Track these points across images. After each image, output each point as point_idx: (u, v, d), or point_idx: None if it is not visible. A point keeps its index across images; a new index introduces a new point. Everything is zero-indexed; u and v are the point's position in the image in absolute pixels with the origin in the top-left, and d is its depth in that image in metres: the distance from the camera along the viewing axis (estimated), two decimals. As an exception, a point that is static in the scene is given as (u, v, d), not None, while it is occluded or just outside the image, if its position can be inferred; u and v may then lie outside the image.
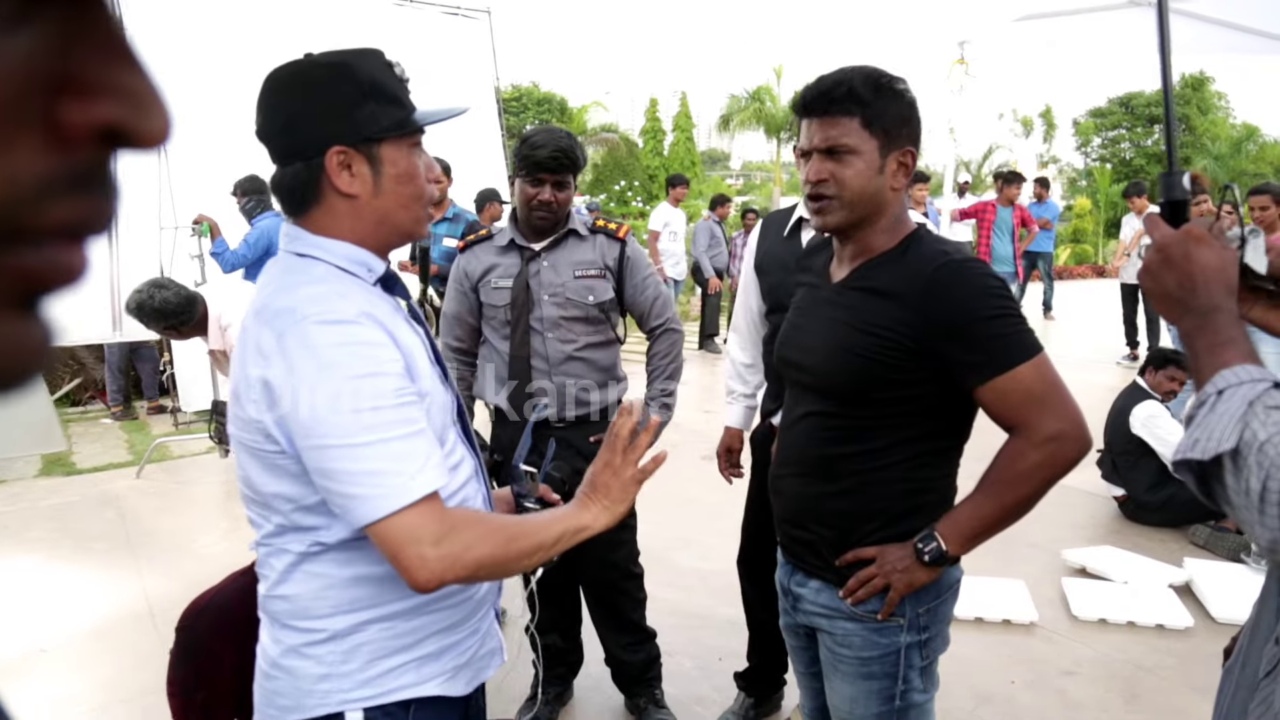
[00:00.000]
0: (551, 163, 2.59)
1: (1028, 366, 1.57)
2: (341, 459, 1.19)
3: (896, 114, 1.64)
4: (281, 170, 1.33)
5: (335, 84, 1.30)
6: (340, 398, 1.19)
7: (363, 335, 1.23)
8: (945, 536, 1.63)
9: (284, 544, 1.33)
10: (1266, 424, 0.94)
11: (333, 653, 1.34)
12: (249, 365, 1.24)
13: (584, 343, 2.70)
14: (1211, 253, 1.12)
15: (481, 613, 1.50)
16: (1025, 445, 1.59)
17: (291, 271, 1.31)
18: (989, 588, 3.92)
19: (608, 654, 3.01)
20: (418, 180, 1.36)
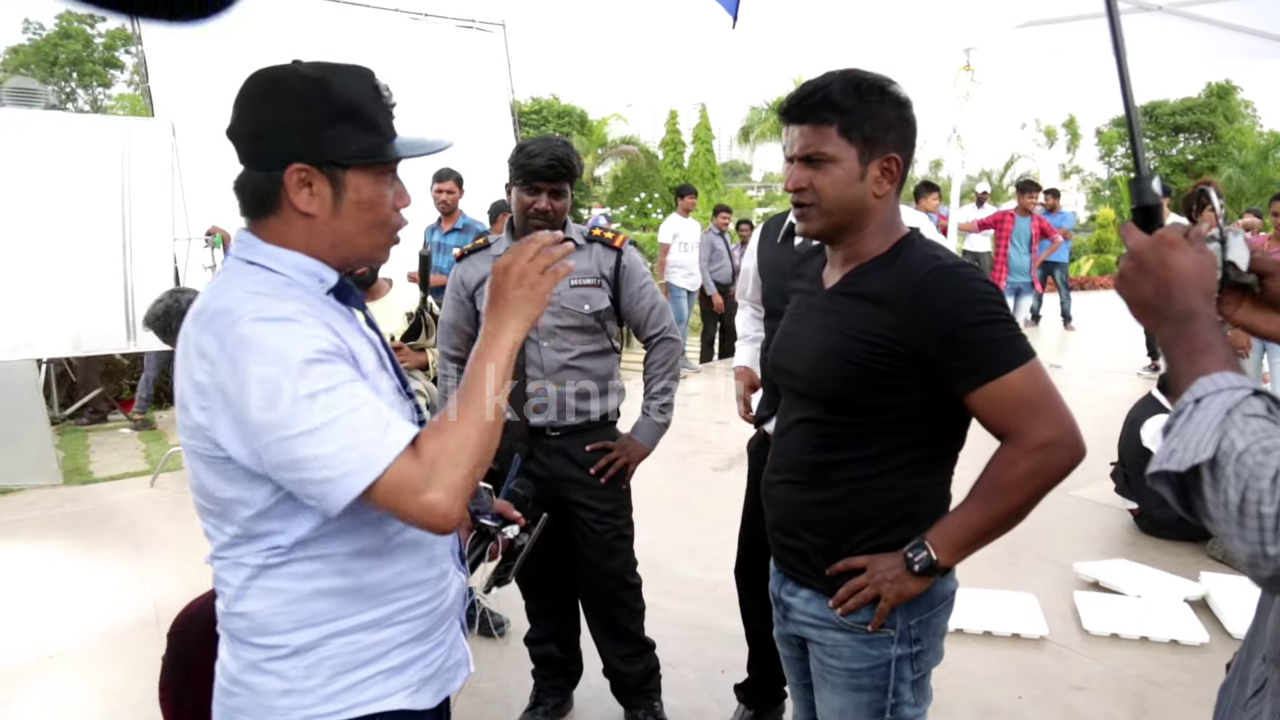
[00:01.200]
0: (548, 171, 2.59)
1: (1019, 373, 1.54)
2: (307, 446, 1.16)
3: (879, 120, 1.61)
4: (245, 173, 1.32)
5: (310, 100, 1.27)
6: (290, 388, 1.17)
7: (299, 330, 1.21)
8: (935, 546, 1.60)
9: (240, 556, 1.31)
10: (1245, 433, 0.91)
11: (294, 668, 1.32)
12: (194, 371, 1.22)
13: (579, 351, 2.69)
14: (1187, 257, 1.10)
15: (447, 623, 1.49)
16: (1016, 453, 1.56)
17: (235, 276, 1.30)
18: (998, 601, 3.86)
19: (606, 665, 2.99)
20: (381, 209, 1.34)
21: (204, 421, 1.23)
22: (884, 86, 1.63)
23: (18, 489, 6.04)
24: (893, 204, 1.69)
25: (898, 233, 1.69)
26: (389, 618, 1.37)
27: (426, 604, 1.42)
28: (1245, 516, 0.88)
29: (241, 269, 1.31)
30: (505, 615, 3.72)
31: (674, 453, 6.69)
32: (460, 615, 1.55)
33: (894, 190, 1.67)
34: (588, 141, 30.61)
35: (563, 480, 2.74)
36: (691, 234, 9.63)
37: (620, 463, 2.76)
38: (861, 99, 1.60)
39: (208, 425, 1.23)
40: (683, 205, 9.68)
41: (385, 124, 1.33)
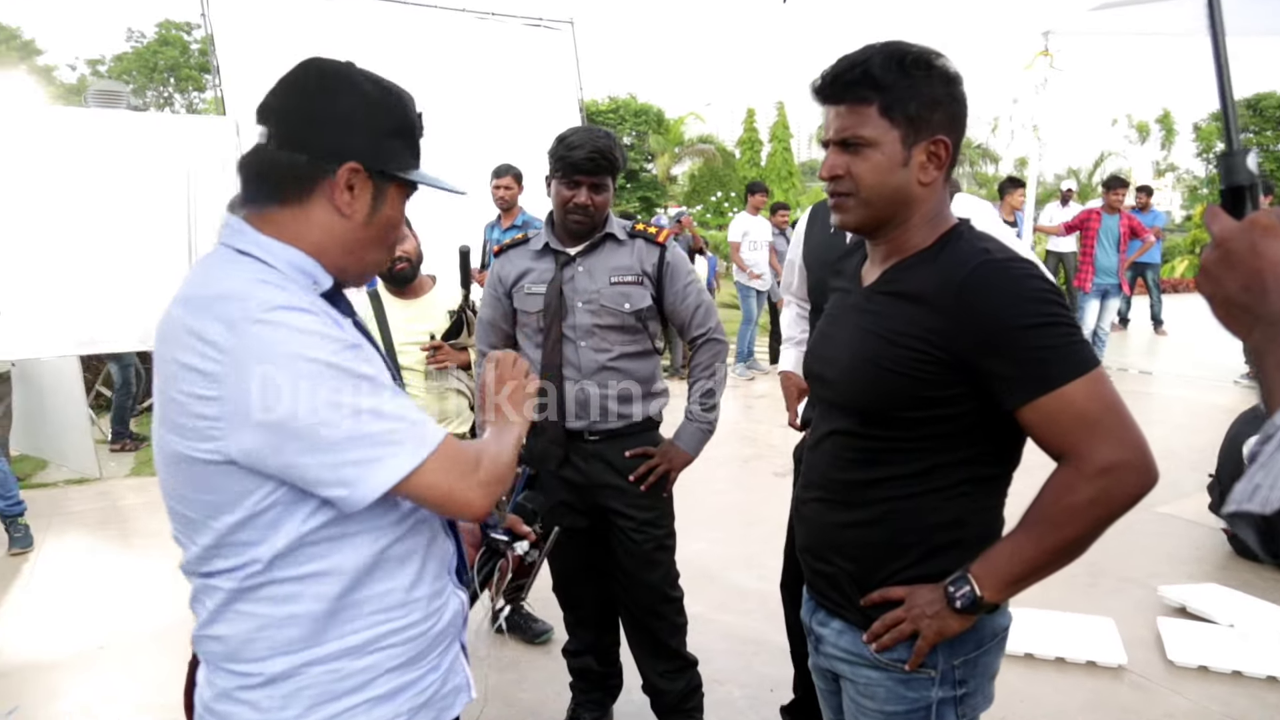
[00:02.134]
0: (588, 164, 2.46)
1: (1079, 384, 1.33)
2: (351, 426, 1.12)
3: (925, 98, 1.42)
4: (273, 154, 1.24)
5: (380, 106, 1.28)
6: (326, 368, 1.12)
7: (318, 320, 1.17)
8: (980, 580, 1.41)
9: (214, 578, 1.21)
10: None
11: (270, 698, 1.22)
12: (190, 359, 1.12)
13: (619, 352, 2.56)
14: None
15: (443, 646, 1.37)
16: (1075, 477, 1.35)
17: (229, 263, 1.21)
18: (1073, 625, 3.60)
19: (645, 681, 2.85)
20: (398, 229, 1.36)
21: (207, 412, 1.12)
22: (930, 60, 1.43)
23: (94, 479, 6.21)
24: (940, 193, 1.49)
25: (945, 224, 1.50)
26: (374, 641, 1.26)
27: (417, 626, 1.31)
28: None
29: (233, 257, 1.22)
30: (548, 623, 3.62)
31: (736, 456, 6.53)
32: (460, 637, 1.44)
33: (941, 177, 1.48)
34: (664, 140, 30.54)
35: (600, 487, 2.61)
36: (762, 232, 9.42)
37: (661, 469, 2.62)
38: (905, 74, 1.41)
39: (214, 416, 1.12)
40: (753, 203, 9.46)
41: (418, 154, 1.36)
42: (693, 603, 3.80)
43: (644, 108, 32.90)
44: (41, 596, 4.30)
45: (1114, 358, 9.82)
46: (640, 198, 29.42)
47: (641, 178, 30.54)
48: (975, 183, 28.99)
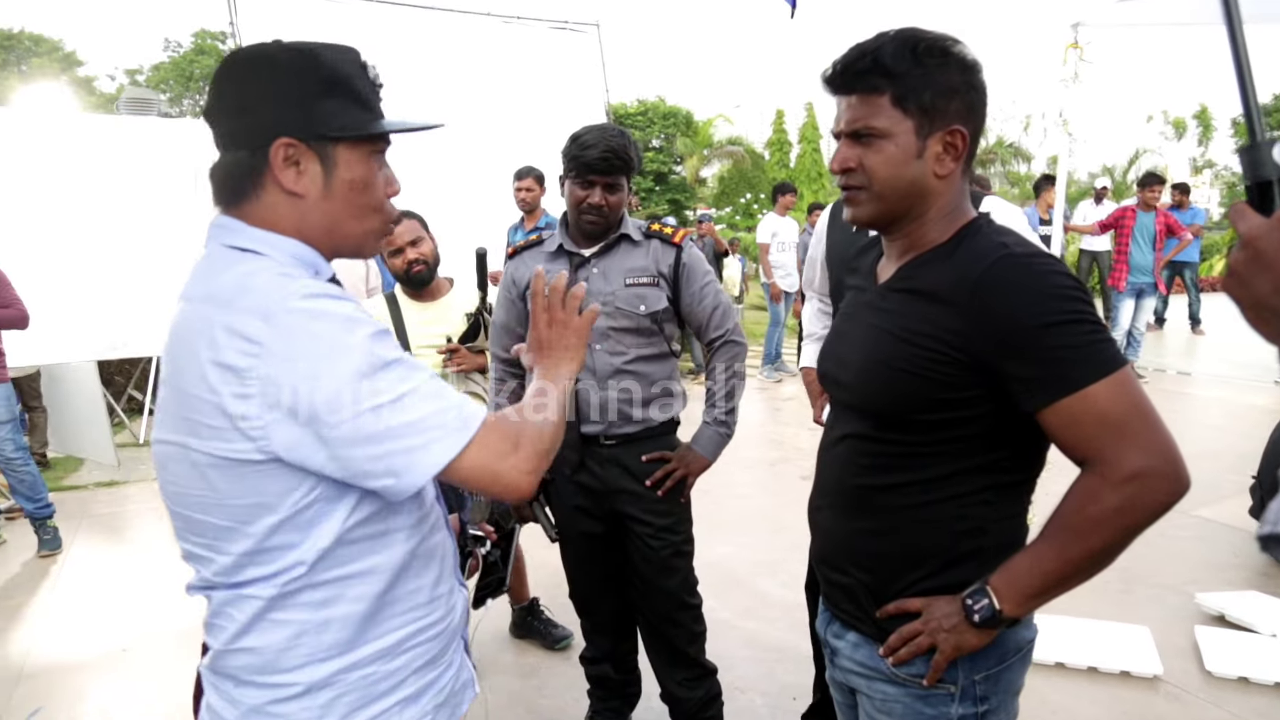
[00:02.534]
0: (602, 164, 2.42)
1: (1103, 385, 1.26)
2: (392, 415, 1.09)
3: (940, 86, 1.36)
4: (222, 157, 1.20)
5: (297, 72, 1.18)
6: (365, 357, 1.09)
7: (348, 306, 1.13)
8: (999, 593, 1.35)
9: (248, 586, 1.17)
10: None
11: (307, 709, 1.18)
12: (222, 355, 1.07)
13: (634, 355, 2.51)
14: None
15: (455, 643, 1.37)
16: (1100, 484, 1.28)
17: (233, 263, 1.16)
18: (1107, 633, 3.50)
19: (663, 689, 2.80)
20: (374, 191, 1.25)
21: (243, 411, 1.08)
22: (946, 47, 1.37)
23: (121, 482, 6.28)
24: (958, 185, 1.43)
25: (963, 218, 1.43)
26: (402, 643, 1.25)
27: (439, 623, 1.31)
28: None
29: (232, 255, 1.17)
30: (568, 629, 3.58)
31: (763, 460, 6.46)
32: (465, 633, 1.43)
33: (959, 169, 1.41)
34: (693, 143, 30.48)
35: (616, 492, 2.57)
36: (790, 233, 9.34)
37: (678, 474, 2.56)
38: (919, 63, 1.35)
39: (250, 415, 1.07)
40: (782, 203, 9.38)
41: (374, 103, 1.24)
42: (718, 608, 3.77)
43: (673, 110, 32.84)
44: (68, 598, 4.33)
45: (1151, 358, 9.62)
46: (669, 200, 29.39)
47: (670, 180, 30.51)
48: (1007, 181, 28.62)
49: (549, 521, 2.72)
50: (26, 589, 4.46)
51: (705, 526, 3.30)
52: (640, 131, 31.15)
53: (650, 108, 32.40)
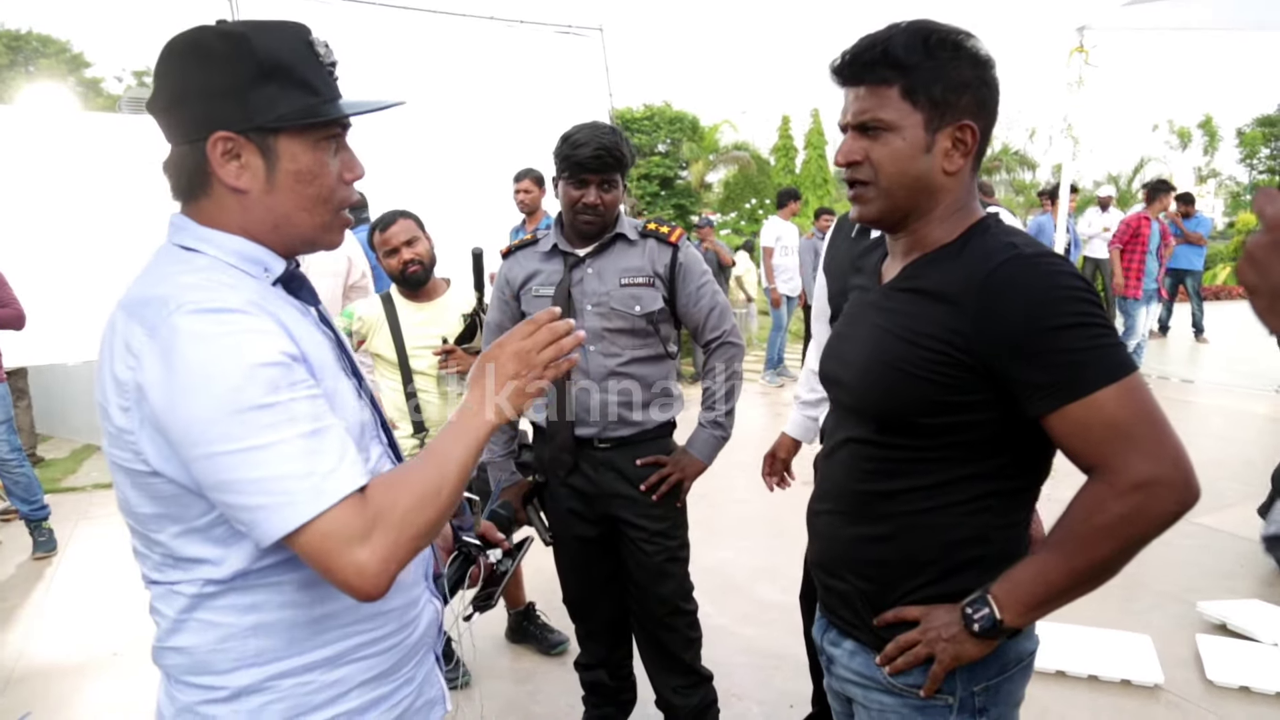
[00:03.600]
0: (595, 162, 2.39)
1: (1112, 391, 1.22)
2: (238, 467, 1.00)
3: (951, 80, 1.32)
4: (171, 151, 1.16)
5: (229, 59, 1.10)
6: (229, 395, 1.00)
7: (248, 323, 1.04)
8: (1000, 602, 1.31)
9: (173, 584, 1.14)
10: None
11: (236, 713, 1.15)
12: (116, 366, 1.05)
13: (629, 357, 2.48)
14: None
15: (418, 658, 1.30)
16: (1106, 492, 1.24)
17: (171, 262, 1.13)
18: (1108, 641, 3.46)
19: (658, 696, 2.76)
20: (322, 180, 1.17)
21: (124, 424, 1.06)
22: (958, 40, 1.34)
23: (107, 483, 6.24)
24: (967, 183, 1.39)
25: (971, 217, 1.40)
26: (346, 654, 1.19)
27: (391, 637, 1.25)
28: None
29: (176, 254, 1.15)
30: (564, 634, 3.55)
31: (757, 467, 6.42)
32: (435, 648, 1.38)
33: (968, 166, 1.38)
34: (699, 148, 30.47)
35: (611, 496, 2.54)
36: (792, 237, 9.32)
37: (674, 479, 2.53)
38: (930, 55, 1.32)
39: (129, 429, 1.06)
40: (787, 209, 9.39)
41: (323, 84, 1.16)
42: (715, 614, 3.74)
43: (679, 115, 32.80)
44: (63, 601, 4.31)
45: (1154, 365, 9.57)
46: (674, 205, 29.35)
47: (676, 185, 30.49)
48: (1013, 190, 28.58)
49: (543, 525, 2.69)
50: (20, 591, 4.43)
51: (704, 531, 3.27)
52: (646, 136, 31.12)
53: (656, 112, 32.36)
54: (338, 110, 1.16)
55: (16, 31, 32.05)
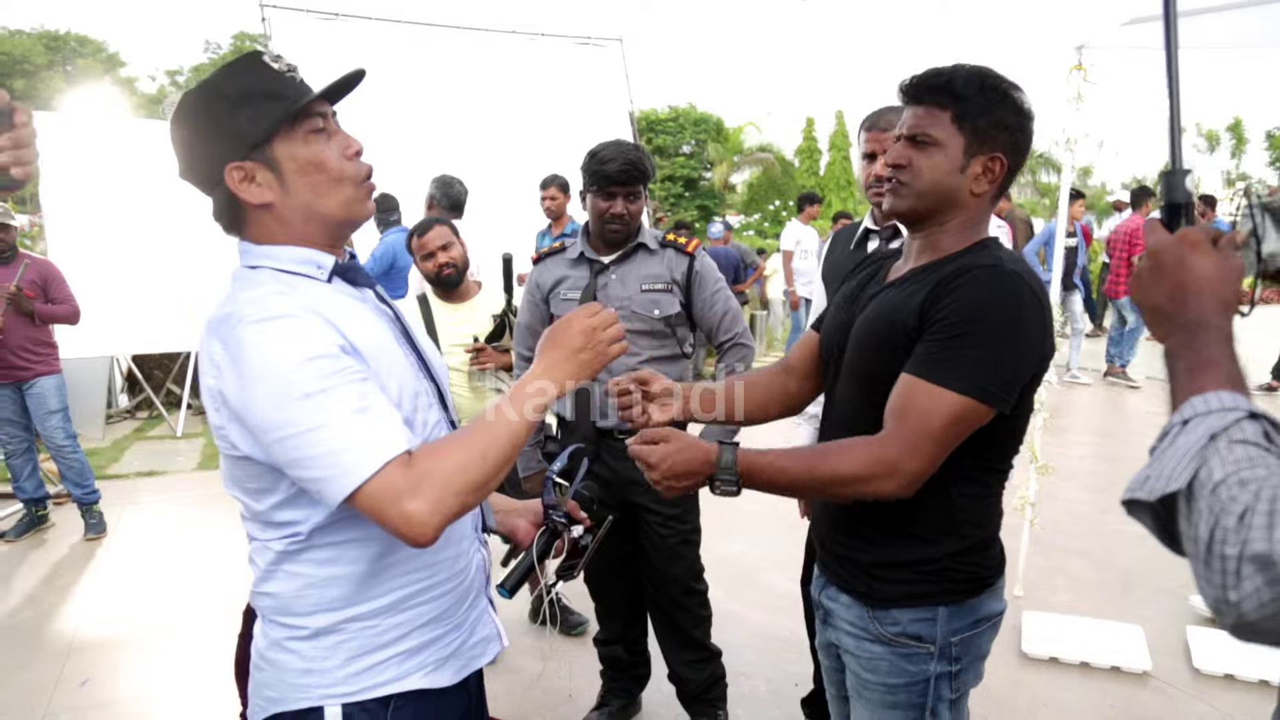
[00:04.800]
0: (622, 176, 2.61)
1: (941, 392, 1.45)
2: (302, 446, 1.19)
3: (995, 117, 1.55)
4: (212, 202, 1.37)
5: (208, 105, 1.30)
6: (284, 388, 1.19)
7: (295, 326, 1.22)
8: (741, 472, 1.52)
9: (266, 541, 1.37)
10: (1226, 461, 0.82)
11: (315, 648, 1.37)
12: (205, 377, 1.28)
13: (648, 356, 2.70)
14: (1207, 261, 1.01)
15: (468, 603, 1.50)
16: (869, 446, 1.49)
17: (240, 283, 1.34)
18: (1100, 630, 3.64)
19: (670, 670, 2.98)
20: (326, 164, 1.33)
21: (217, 421, 1.29)
22: (1008, 89, 1.57)
23: (161, 471, 6.55)
24: (985, 207, 1.61)
25: (979, 235, 1.62)
26: (406, 600, 1.40)
27: (444, 585, 1.45)
28: (1211, 556, 0.79)
29: (244, 275, 1.36)
30: (584, 616, 3.77)
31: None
32: (486, 591, 1.58)
33: (991, 192, 1.59)
34: (723, 149, 30.61)
35: (629, 484, 2.75)
36: (812, 241, 9.51)
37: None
38: (983, 93, 1.55)
39: (220, 425, 1.29)
40: (808, 213, 9.58)
41: (289, 89, 1.32)
42: (728, 600, 3.95)
43: (703, 117, 32.98)
44: (113, 579, 4.58)
45: (1144, 368, 9.66)
46: (699, 206, 29.53)
47: (700, 186, 30.66)
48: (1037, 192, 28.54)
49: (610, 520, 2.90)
50: (75, 570, 4.72)
51: (720, 525, 3.47)
52: (670, 137, 31.32)
53: (681, 114, 32.56)
54: (304, 99, 1.31)
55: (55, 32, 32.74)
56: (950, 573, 1.61)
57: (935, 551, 1.60)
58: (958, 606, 1.62)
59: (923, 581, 1.61)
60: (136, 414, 8.46)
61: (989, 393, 1.45)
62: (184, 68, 41.05)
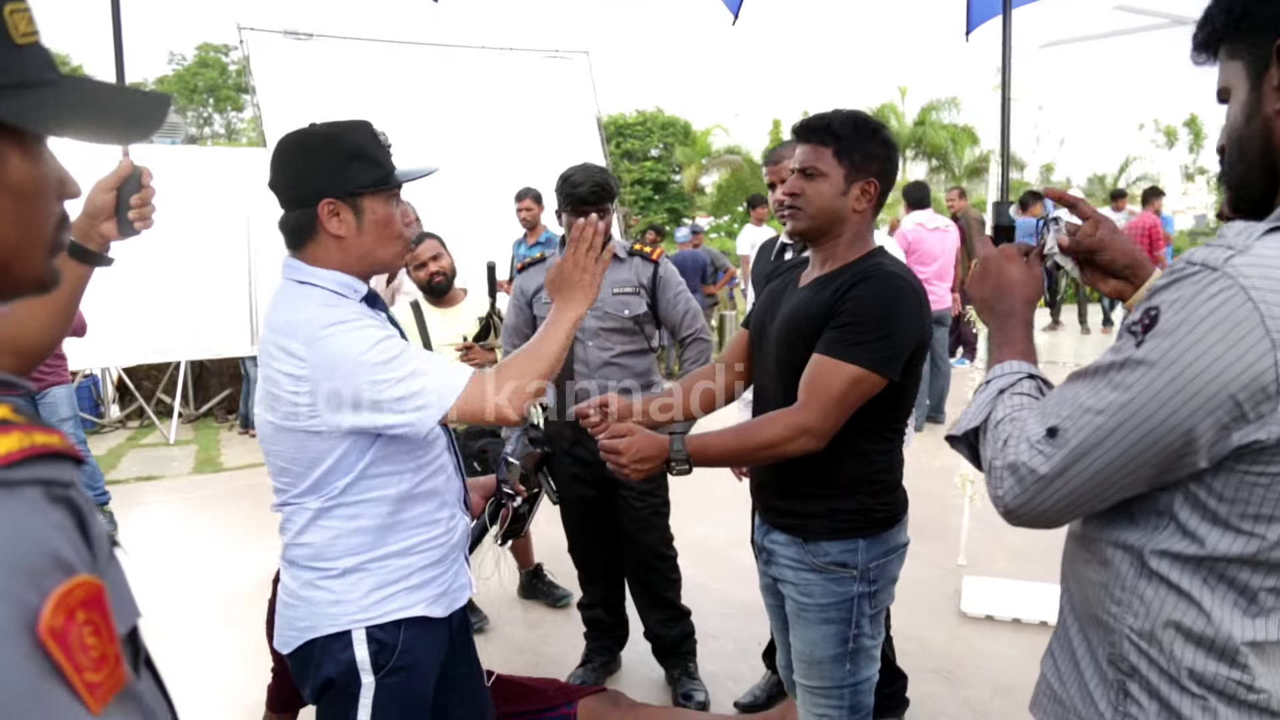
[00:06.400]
0: (592, 196, 3.00)
1: (843, 366, 1.86)
2: (402, 387, 1.62)
3: (867, 151, 1.95)
4: (286, 214, 1.74)
5: (328, 149, 1.69)
6: (370, 361, 1.62)
7: (359, 324, 1.66)
8: (692, 453, 1.93)
9: (305, 503, 1.75)
10: (1005, 406, 1.19)
11: (342, 584, 1.75)
12: (283, 367, 1.66)
13: (619, 350, 3.09)
14: (1017, 268, 1.41)
15: (454, 555, 1.92)
16: (785, 416, 1.91)
17: (297, 298, 1.71)
18: (1030, 591, 4.06)
19: (646, 628, 3.38)
20: (393, 224, 1.76)
21: (303, 401, 1.66)
22: (877, 128, 1.99)
23: (159, 476, 6.85)
24: (867, 221, 2.02)
25: (868, 247, 2.03)
26: (413, 547, 1.81)
27: (440, 539, 1.86)
28: (989, 469, 1.16)
29: (296, 289, 1.73)
30: (568, 590, 4.15)
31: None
32: (464, 551, 1.98)
33: (870, 210, 2.00)
34: (692, 151, 30.90)
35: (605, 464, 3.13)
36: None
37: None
38: (856, 131, 1.95)
39: (308, 403, 1.66)
40: (756, 215, 9.96)
41: (386, 161, 1.74)
42: (698, 575, 4.34)
43: (671, 120, 33.24)
44: (128, 574, 4.88)
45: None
46: (668, 209, 29.82)
47: (669, 189, 30.94)
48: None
49: (551, 488, 3.29)
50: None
51: (689, 510, 3.87)
52: (639, 141, 31.61)
53: (649, 118, 32.81)
54: (398, 178, 1.75)
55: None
56: (868, 512, 2.02)
57: (855, 495, 2.01)
58: (874, 538, 2.02)
59: (847, 519, 2.01)
60: (127, 423, 8.74)
61: (878, 364, 1.86)
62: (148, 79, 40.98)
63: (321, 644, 1.76)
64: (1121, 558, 1.11)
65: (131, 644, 0.72)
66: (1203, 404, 0.95)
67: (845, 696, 2.06)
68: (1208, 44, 1.11)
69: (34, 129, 0.70)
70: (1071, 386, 1.07)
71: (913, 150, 25.84)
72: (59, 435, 0.61)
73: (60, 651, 0.53)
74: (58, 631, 0.53)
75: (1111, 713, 1.13)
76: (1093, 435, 1.02)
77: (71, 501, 0.61)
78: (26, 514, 0.57)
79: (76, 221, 1.48)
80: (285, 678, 2.59)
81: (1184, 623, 1.05)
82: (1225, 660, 1.03)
